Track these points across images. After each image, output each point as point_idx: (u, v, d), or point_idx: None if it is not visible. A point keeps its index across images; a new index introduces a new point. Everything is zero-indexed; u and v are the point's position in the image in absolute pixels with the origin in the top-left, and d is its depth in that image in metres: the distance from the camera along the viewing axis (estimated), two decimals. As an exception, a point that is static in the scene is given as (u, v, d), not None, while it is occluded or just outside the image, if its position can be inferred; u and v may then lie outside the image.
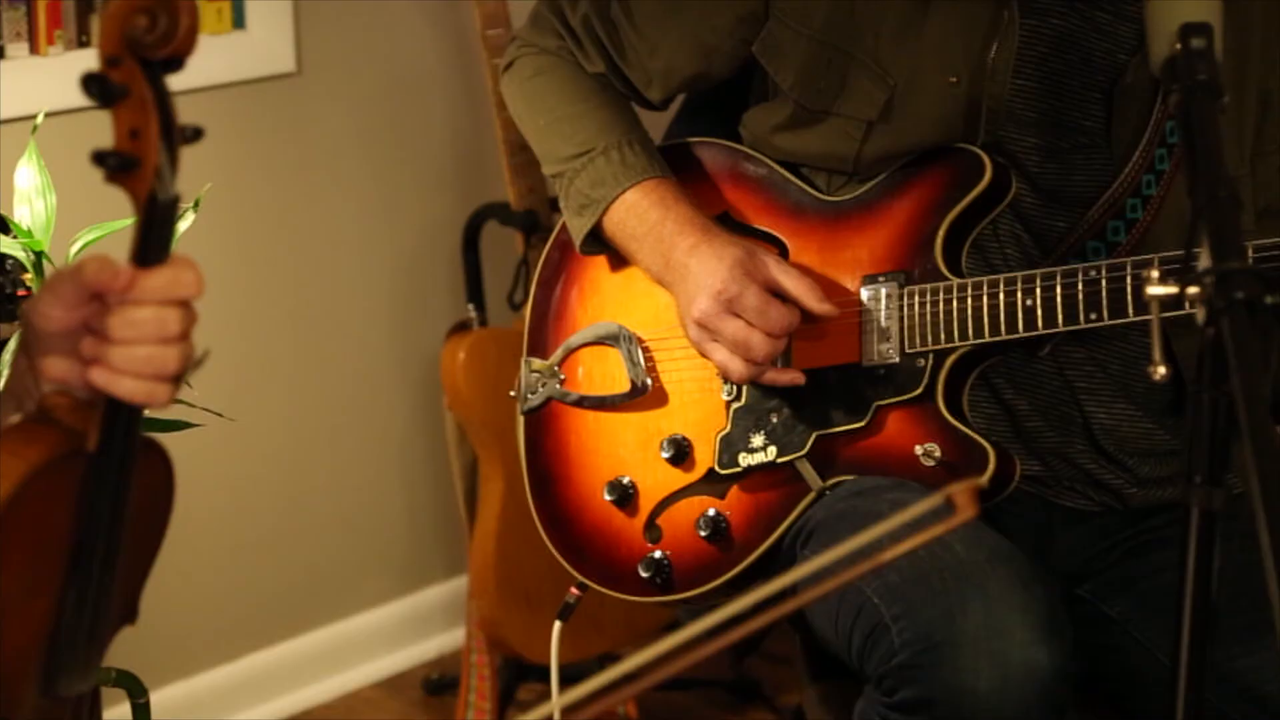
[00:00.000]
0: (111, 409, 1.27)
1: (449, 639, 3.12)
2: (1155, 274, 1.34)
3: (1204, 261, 1.21)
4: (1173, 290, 1.23)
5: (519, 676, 2.86)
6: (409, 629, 3.10)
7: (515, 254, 2.85)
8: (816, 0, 1.87)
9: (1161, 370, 1.29)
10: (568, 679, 2.26)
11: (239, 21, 2.73)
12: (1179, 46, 1.37)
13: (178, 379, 1.28)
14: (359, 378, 2.99)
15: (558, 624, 1.96)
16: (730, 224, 1.93)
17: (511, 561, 2.75)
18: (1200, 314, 1.19)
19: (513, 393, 2.03)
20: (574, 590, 1.96)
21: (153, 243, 1.26)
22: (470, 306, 2.87)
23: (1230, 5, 1.49)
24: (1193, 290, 1.19)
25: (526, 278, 2.75)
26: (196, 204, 1.91)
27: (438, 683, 3.02)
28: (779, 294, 1.83)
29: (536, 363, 2.01)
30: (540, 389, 2.00)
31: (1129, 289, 1.69)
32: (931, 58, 1.83)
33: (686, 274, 1.85)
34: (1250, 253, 1.64)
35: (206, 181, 1.96)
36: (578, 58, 2.00)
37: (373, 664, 3.06)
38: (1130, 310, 1.69)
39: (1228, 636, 1.62)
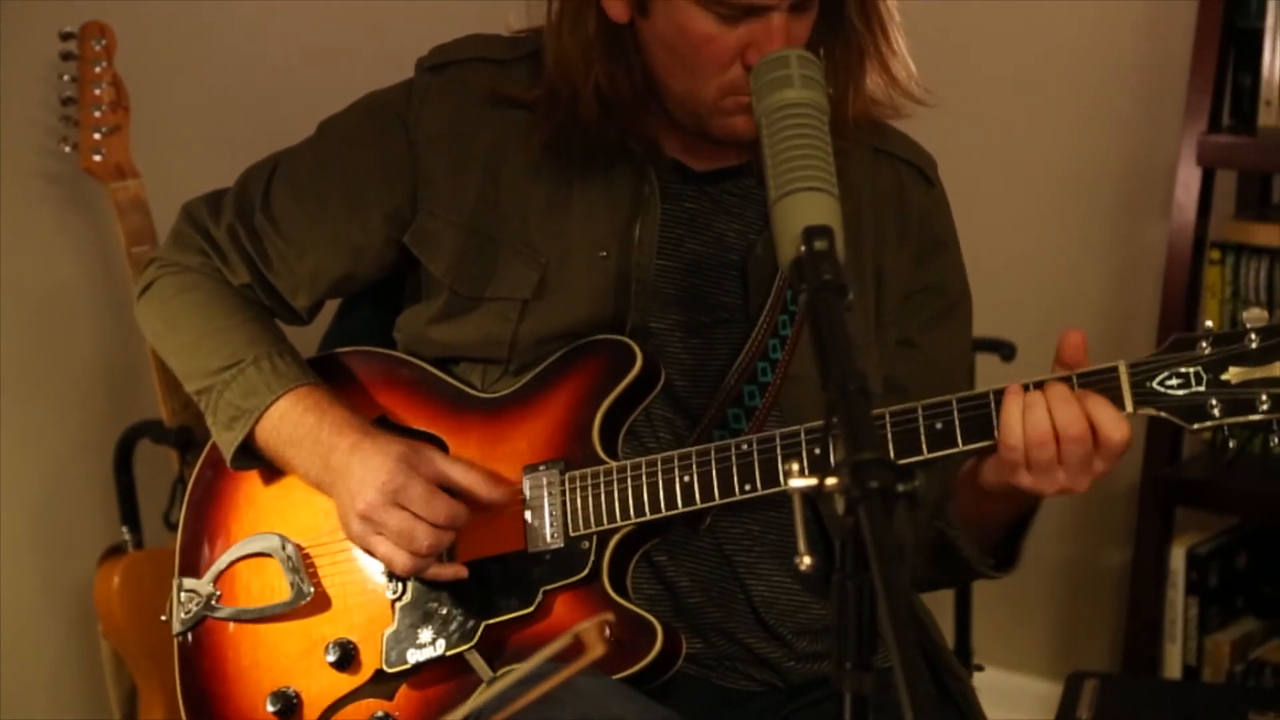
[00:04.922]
0: None
1: None
2: (795, 467, 1.38)
3: (838, 453, 1.24)
4: (812, 482, 1.27)
5: None
6: None
7: (170, 472, 2.78)
8: (462, 190, 1.90)
9: (808, 560, 1.32)
10: None
11: None
12: (803, 249, 1.42)
13: None
14: (6, 610, 2.85)
15: None
16: (388, 426, 1.92)
17: (177, 794, 2.64)
18: (839, 504, 1.22)
19: (164, 616, 1.98)
20: (231, 813, 1.89)
21: None
22: (124, 529, 2.79)
23: (843, 191, 1.55)
24: (831, 481, 1.23)
25: (183, 496, 2.67)
26: None
27: None
28: (445, 488, 1.82)
29: (189, 582, 1.97)
30: (194, 607, 1.95)
31: (779, 459, 1.74)
32: (580, 234, 1.88)
33: (348, 472, 1.83)
34: (888, 419, 1.71)
35: None
36: (223, 271, 1.99)
37: None
38: (782, 480, 1.74)
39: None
